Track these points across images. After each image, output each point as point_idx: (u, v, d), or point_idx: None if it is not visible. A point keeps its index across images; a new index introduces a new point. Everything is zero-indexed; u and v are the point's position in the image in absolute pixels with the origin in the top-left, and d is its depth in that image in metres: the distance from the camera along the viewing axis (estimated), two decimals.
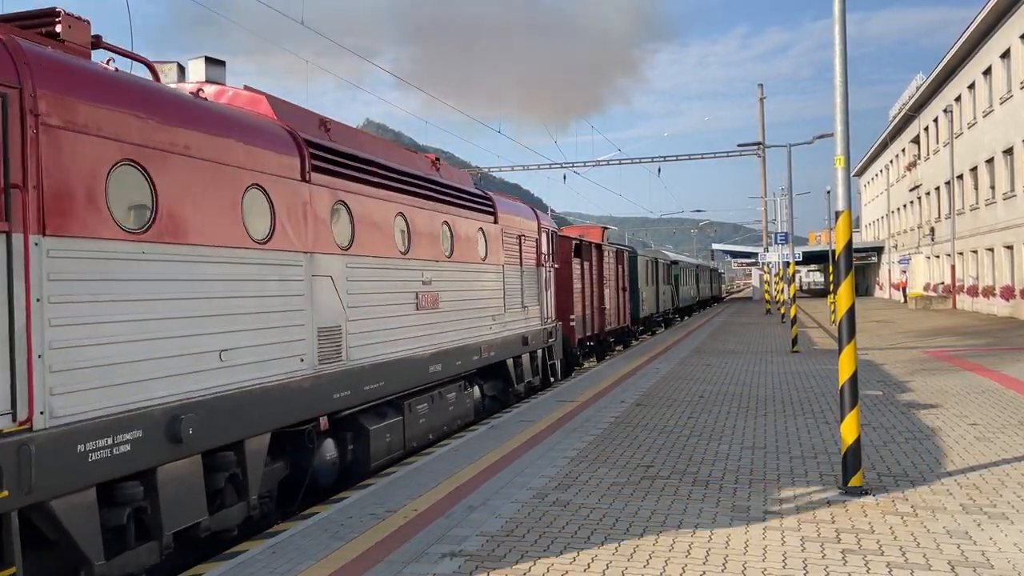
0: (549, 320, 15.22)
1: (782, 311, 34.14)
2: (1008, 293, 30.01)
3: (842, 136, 7.03)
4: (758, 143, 40.84)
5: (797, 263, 36.68)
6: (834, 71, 7.05)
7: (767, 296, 43.25)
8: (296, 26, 16.19)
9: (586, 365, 20.63)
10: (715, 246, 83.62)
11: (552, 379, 15.84)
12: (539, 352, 14.81)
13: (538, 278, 14.45)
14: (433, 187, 10.36)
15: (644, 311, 29.62)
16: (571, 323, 18.52)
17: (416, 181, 9.84)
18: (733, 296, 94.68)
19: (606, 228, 27.05)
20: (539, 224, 14.91)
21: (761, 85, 42.17)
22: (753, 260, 69.70)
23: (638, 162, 46.56)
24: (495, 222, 12.50)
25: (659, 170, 48.85)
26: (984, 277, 33.60)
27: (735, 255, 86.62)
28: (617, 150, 47.06)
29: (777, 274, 40.37)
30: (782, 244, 32.42)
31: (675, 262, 41.09)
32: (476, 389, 12.01)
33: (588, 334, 20.55)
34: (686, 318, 42.50)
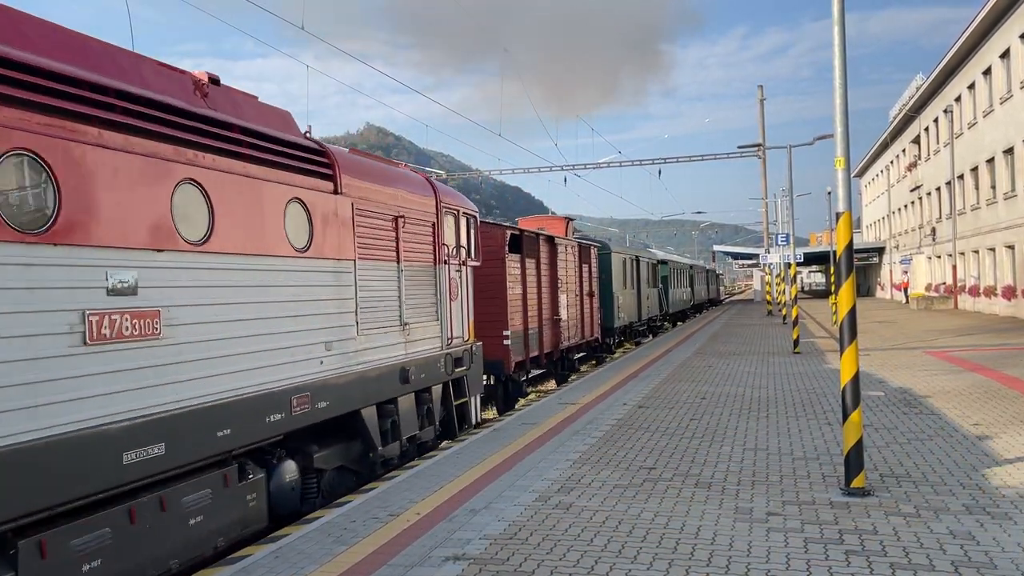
0: (457, 340, 10.68)
1: (783, 312, 34.13)
2: (1009, 293, 30.00)
3: (842, 138, 7.04)
4: (758, 144, 40.83)
5: (798, 264, 36.64)
6: (834, 73, 7.06)
7: (768, 297, 43.22)
8: (296, 30, 16.22)
9: (533, 395, 16.73)
10: (716, 247, 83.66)
11: (466, 425, 11.32)
12: (436, 390, 10.19)
13: (436, 281, 10.03)
14: (163, 114, 5.88)
15: (621, 319, 25.11)
16: (504, 342, 14.28)
17: (91, 96, 5.27)
18: (734, 298, 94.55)
19: (571, 219, 21.96)
20: (438, 201, 10.27)
21: (761, 86, 42.17)
22: (754, 262, 69.62)
23: (639, 164, 46.55)
24: (336, 191, 7.94)
25: (659, 172, 48.84)
26: (985, 277, 33.59)
27: (736, 256, 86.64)
28: (617, 152, 47.09)
29: (778, 275, 40.36)
30: (783, 245, 32.42)
31: (663, 261, 36.64)
32: (289, 467, 7.21)
33: (534, 354, 16.11)
34: (679, 324, 38.85)
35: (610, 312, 23.88)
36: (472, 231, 11.64)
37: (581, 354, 21.59)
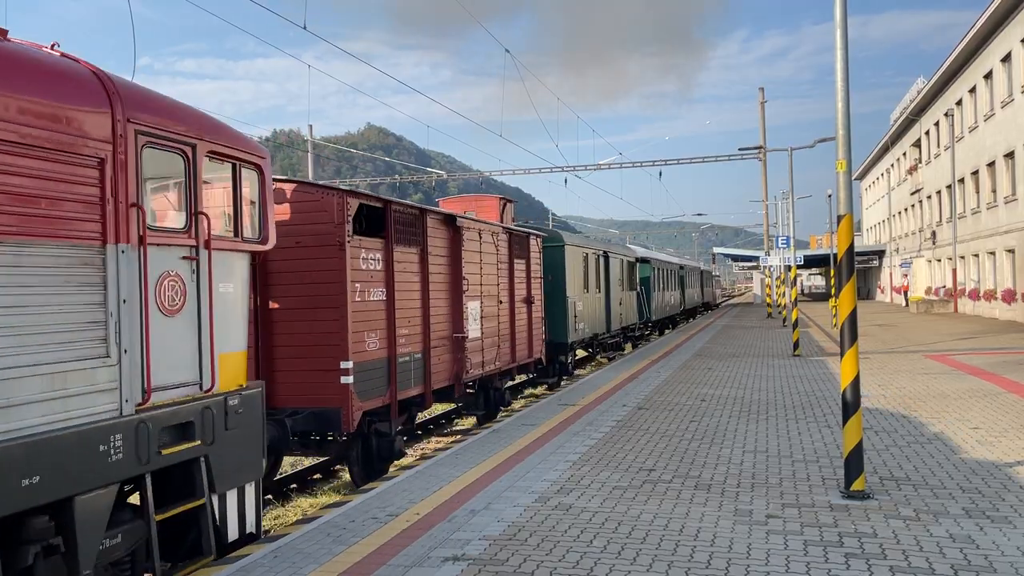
0: (182, 389, 5.90)
1: (783, 315, 34.14)
2: (1009, 297, 30.00)
3: (843, 140, 7.04)
4: (759, 147, 40.86)
5: (798, 267, 36.62)
6: (836, 76, 7.06)
7: (768, 300, 43.23)
8: (298, 30, 16.20)
9: (410, 459, 11.32)
10: (716, 249, 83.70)
11: (202, 552, 6.03)
12: (86, 502, 4.94)
13: (109, 278, 5.26)
14: None
15: (580, 332, 19.64)
16: (343, 378, 8.93)
17: None
18: (733, 301, 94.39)
19: (510, 201, 17.35)
20: (119, 119, 5.35)
21: (762, 89, 42.21)
22: (754, 264, 69.59)
23: (639, 165, 46.59)
24: None
25: (660, 173, 48.89)
26: (985, 281, 33.60)
27: (736, 258, 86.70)
28: (618, 153, 47.09)
29: (778, 278, 40.37)
30: (783, 248, 32.41)
31: (644, 259, 31.09)
32: None
33: (413, 392, 10.56)
34: (667, 332, 34.75)
35: (561, 323, 18.24)
36: (252, 190, 6.72)
37: (521, 378, 17.10)
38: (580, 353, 22.23)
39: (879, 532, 5.80)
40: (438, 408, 15.52)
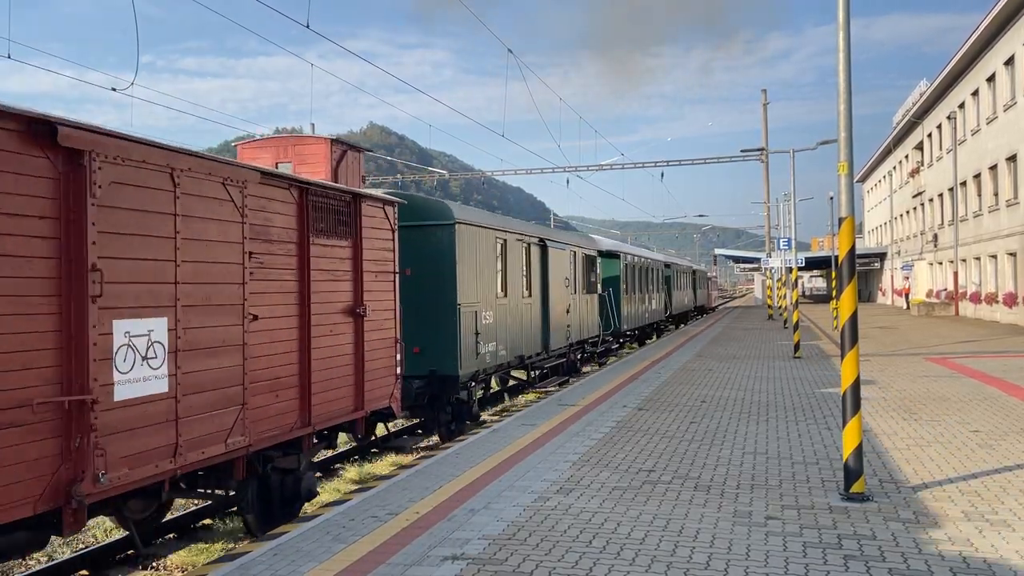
0: None
1: (784, 316, 34.14)
2: (1011, 300, 30.00)
3: (845, 143, 7.04)
4: (761, 149, 40.86)
5: (800, 268, 36.60)
6: (838, 78, 7.07)
7: (769, 302, 43.23)
8: (300, 28, 16.22)
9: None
10: (717, 251, 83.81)
11: None
12: None
13: None
14: None
15: (485, 357, 13.58)
16: None
17: None
18: (733, 303, 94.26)
19: (358, 149, 10.64)
20: None
21: (764, 90, 42.21)
22: (755, 266, 69.57)
23: (641, 166, 46.60)
24: None
25: (662, 174, 48.88)
26: (987, 284, 33.59)
27: (738, 260, 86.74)
28: (620, 154, 47.05)
29: (779, 280, 40.35)
30: (785, 249, 32.40)
31: (610, 253, 25.09)
32: None
33: None
34: (649, 342, 29.54)
35: (448, 345, 12.36)
36: None
37: (378, 433, 12.40)
38: (512, 380, 17.47)
39: (878, 535, 5.81)
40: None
